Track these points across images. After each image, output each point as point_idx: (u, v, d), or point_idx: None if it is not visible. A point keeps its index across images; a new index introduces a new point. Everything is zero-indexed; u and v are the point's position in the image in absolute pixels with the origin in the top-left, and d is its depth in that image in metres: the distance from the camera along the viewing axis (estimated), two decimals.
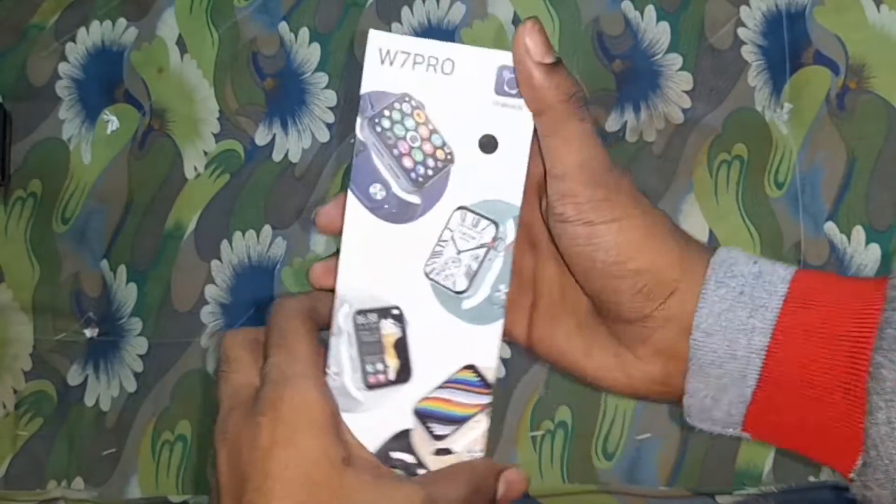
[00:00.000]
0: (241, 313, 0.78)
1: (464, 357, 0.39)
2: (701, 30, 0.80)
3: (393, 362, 0.39)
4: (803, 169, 0.77)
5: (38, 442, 0.77)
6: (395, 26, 0.82)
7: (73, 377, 0.78)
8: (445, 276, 0.38)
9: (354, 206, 0.38)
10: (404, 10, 0.82)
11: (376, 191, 0.38)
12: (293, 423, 0.35)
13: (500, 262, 0.38)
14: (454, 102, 0.38)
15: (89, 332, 0.79)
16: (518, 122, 0.38)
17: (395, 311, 0.38)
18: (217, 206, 0.80)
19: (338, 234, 0.38)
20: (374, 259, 0.38)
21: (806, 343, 0.35)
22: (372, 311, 0.38)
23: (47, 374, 0.79)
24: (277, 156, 0.81)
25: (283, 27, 0.83)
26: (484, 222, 0.38)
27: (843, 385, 0.34)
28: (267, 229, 0.79)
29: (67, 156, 0.82)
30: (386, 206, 0.38)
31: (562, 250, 0.38)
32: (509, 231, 0.38)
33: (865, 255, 0.75)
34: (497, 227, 0.38)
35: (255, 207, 0.80)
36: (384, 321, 0.38)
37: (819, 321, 0.35)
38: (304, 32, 0.83)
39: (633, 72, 0.80)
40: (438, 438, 0.39)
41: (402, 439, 0.39)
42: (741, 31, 0.80)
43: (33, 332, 0.79)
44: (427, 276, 0.38)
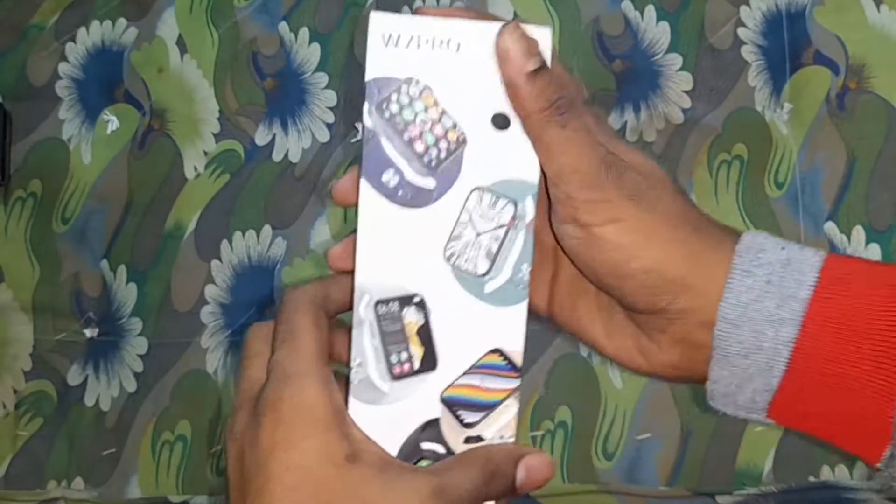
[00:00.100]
0: (241, 313, 0.78)
1: (489, 341, 0.38)
2: (701, 30, 0.80)
3: (417, 351, 0.38)
4: (803, 169, 0.77)
5: (38, 442, 0.77)
6: None
7: (73, 377, 0.78)
8: (466, 260, 0.38)
9: (368, 195, 0.37)
10: (404, 11, 0.82)
11: (389, 177, 0.37)
12: (293, 424, 0.35)
13: (520, 242, 0.38)
14: (463, 81, 0.37)
15: (89, 332, 0.79)
16: None
17: (416, 299, 0.38)
18: (217, 206, 0.80)
19: (355, 206, 0.38)
20: (392, 247, 0.37)
21: (835, 336, 0.34)
22: (393, 299, 0.38)
23: (47, 374, 0.79)
24: (277, 156, 0.81)
25: (283, 27, 0.83)
26: (502, 202, 0.37)
27: (872, 378, 0.34)
28: (267, 229, 0.79)
29: (67, 156, 0.82)
30: (400, 193, 0.37)
31: (566, 251, 0.38)
32: (528, 209, 0.37)
33: (865, 255, 0.75)
34: (516, 205, 0.37)
35: (255, 207, 0.80)
36: (406, 309, 0.38)
37: (849, 313, 0.34)
38: (304, 32, 0.83)
39: (633, 72, 0.80)
40: (468, 426, 0.38)
41: (430, 429, 0.38)
42: (741, 31, 0.80)
43: (33, 332, 0.79)
44: (447, 260, 0.38)
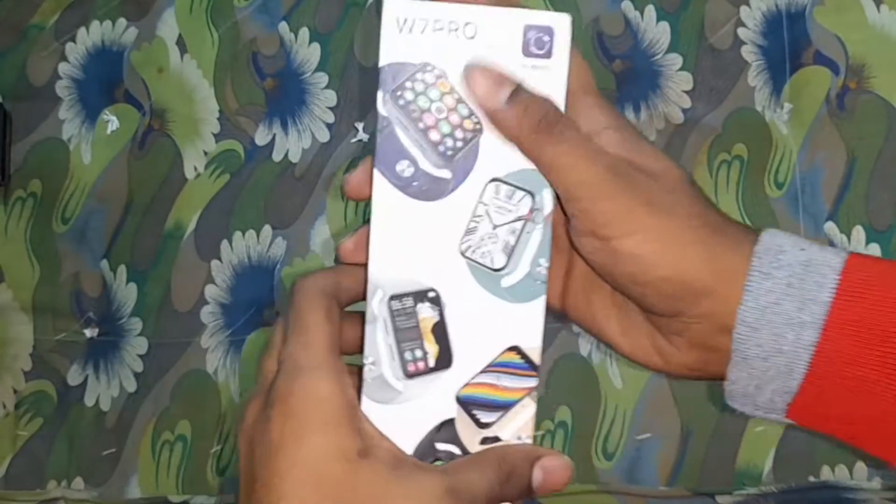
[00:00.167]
0: (241, 313, 0.78)
1: (506, 338, 0.37)
2: (701, 30, 0.80)
3: (432, 348, 0.36)
4: (803, 169, 0.77)
5: (38, 442, 0.77)
6: None
7: (73, 377, 0.78)
8: (482, 254, 0.36)
9: (382, 186, 0.36)
10: None
11: (403, 168, 0.36)
12: (302, 418, 0.34)
13: (538, 235, 0.36)
14: None
15: (89, 332, 0.79)
16: (549, 83, 0.36)
17: (431, 294, 0.36)
18: (217, 206, 0.80)
19: (369, 199, 0.37)
20: (406, 240, 0.36)
21: (856, 339, 0.34)
22: (407, 295, 0.36)
23: (47, 374, 0.79)
24: (277, 156, 0.81)
25: (283, 27, 0.83)
26: (519, 193, 0.36)
27: (893, 382, 0.34)
28: (267, 229, 0.79)
29: (67, 156, 0.82)
30: (415, 184, 0.36)
31: (584, 258, 0.37)
32: (547, 201, 0.36)
33: None
34: (533, 197, 0.36)
35: (255, 207, 0.80)
36: (420, 305, 0.36)
37: (871, 316, 0.34)
38: (304, 32, 0.83)
39: (633, 72, 0.80)
40: (484, 426, 0.37)
41: (446, 429, 0.37)
42: (741, 31, 0.80)
43: (33, 332, 0.79)
44: (463, 254, 0.36)
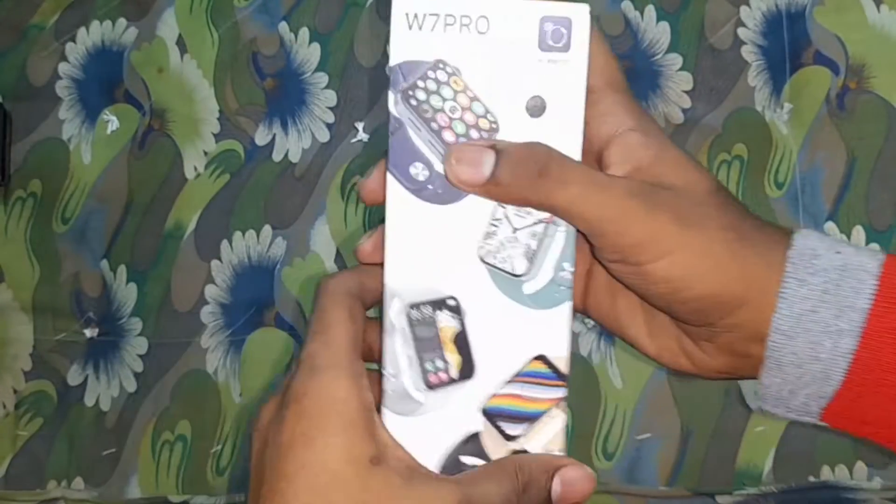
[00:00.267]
0: (241, 313, 0.78)
1: (532, 347, 0.35)
2: (701, 30, 0.80)
3: (454, 358, 0.35)
4: (803, 169, 0.77)
5: (38, 442, 0.77)
6: None
7: (73, 377, 0.78)
8: (502, 259, 0.35)
9: (396, 190, 0.34)
10: None
11: (417, 171, 0.34)
12: (315, 419, 0.33)
13: (561, 238, 0.35)
14: (494, 64, 0.34)
15: (89, 332, 0.79)
16: (568, 79, 0.34)
17: (450, 302, 0.35)
18: (217, 206, 0.80)
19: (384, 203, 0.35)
20: (423, 246, 0.35)
21: (895, 345, 0.33)
22: (426, 303, 0.35)
23: (47, 374, 0.79)
24: (277, 156, 0.81)
25: (283, 27, 0.83)
26: None
27: None
28: (267, 229, 0.79)
29: (67, 156, 0.82)
30: (430, 187, 0.34)
31: (614, 277, 0.36)
32: None
33: None
34: None
35: (255, 207, 0.80)
36: (440, 314, 0.35)
37: None
38: (304, 32, 0.83)
39: (633, 72, 0.80)
40: (511, 439, 0.35)
41: (471, 443, 0.35)
42: (741, 31, 0.80)
43: (33, 332, 0.79)
44: (482, 259, 0.35)
